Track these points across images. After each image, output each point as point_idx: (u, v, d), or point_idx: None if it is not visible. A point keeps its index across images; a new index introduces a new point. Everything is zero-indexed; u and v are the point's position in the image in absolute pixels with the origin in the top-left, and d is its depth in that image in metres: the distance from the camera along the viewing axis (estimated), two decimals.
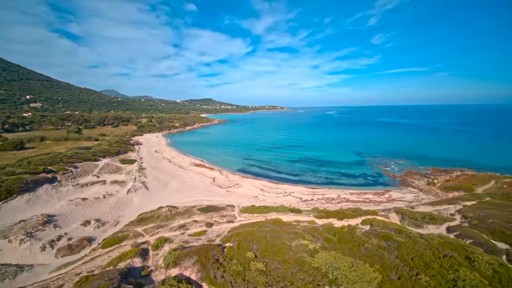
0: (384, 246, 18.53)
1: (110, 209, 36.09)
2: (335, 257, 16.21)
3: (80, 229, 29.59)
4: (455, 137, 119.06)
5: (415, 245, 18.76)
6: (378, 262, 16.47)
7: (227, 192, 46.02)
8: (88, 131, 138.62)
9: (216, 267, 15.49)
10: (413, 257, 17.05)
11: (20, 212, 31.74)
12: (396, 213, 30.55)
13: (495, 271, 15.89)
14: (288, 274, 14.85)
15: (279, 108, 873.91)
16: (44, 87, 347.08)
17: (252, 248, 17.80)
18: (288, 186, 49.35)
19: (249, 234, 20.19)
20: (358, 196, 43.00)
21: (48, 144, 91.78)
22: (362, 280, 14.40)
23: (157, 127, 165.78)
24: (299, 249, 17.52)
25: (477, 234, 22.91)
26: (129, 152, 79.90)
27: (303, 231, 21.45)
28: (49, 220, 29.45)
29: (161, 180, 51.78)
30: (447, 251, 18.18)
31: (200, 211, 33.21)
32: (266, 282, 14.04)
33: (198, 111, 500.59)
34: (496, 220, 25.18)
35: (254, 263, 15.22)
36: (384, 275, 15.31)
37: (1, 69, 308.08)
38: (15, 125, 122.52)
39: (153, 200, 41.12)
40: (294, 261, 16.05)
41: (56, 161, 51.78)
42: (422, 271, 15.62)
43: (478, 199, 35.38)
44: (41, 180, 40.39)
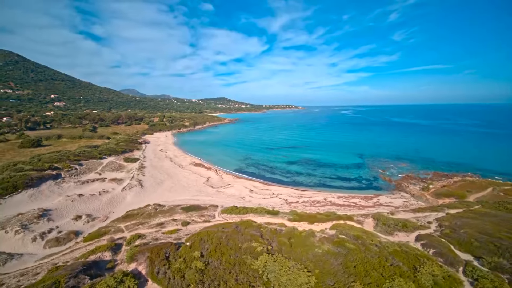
0: (333, 252, 18.91)
1: (103, 206, 38.66)
2: (276, 260, 16.92)
3: (71, 223, 32.17)
4: (469, 140, 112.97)
5: (364, 252, 18.98)
6: (319, 267, 16.98)
7: (216, 192, 47.46)
8: (103, 129, 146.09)
9: (162, 264, 16.76)
10: (357, 265, 17.36)
11: (22, 206, 34.96)
12: (372, 218, 30.39)
13: (435, 282, 15.92)
14: (225, 274, 15.80)
15: (293, 107, 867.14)
16: (67, 86, 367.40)
17: (203, 247, 18.92)
18: (278, 188, 49.91)
19: (208, 235, 21.31)
20: (345, 200, 42.77)
21: (63, 142, 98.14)
22: (292, 284, 15.05)
23: (168, 126, 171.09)
24: (247, 251, 18.38)
25: (442, 244, 22.55)
26: (135, 151, 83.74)
27: (262, 234, 22.23)
28: (44, 214, 32.30)
29: (157, 178, 54.20)
30: (396, 260, 18.27)
31: (182, 210, 34.80)
32: (200, 280, 15.10)
33: (212, 110, 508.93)
34: (469, 231, 24.56)
35: (196, 262, 16.32)
36: (320, 281, 15.84)
37: (29, 70, 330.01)
38: (37, 124, 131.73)
39: (145, 198, 43.38)
40: (235, 262, 16.97)
41: (63, 159, 55.76)
42: (360, 279, 15.96)
43: (466, 207, 34.19)
44: (45, 177, 43.93)
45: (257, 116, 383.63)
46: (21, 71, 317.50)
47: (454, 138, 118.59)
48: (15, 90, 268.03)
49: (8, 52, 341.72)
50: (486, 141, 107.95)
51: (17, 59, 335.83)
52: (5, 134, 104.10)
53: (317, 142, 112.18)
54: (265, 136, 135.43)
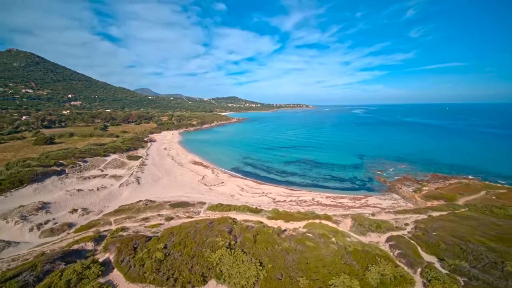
0: (292, 248, 19.74)
1: (99, 200, 41.11)
2: (232, 254, 17.99)
3: (67, 215, 34.64)
4: (480, 141, 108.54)
5: (322, 250, 19.68)
6: (273, 262, 17.89)
7: (209, 190, 49.00)
8: (114, 128, 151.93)
9: (128, 254, 18.27)
10: (310, 261, 18.13)
11: (26, 199, 37.92)
12: (351, 219, 30.73)
13: (382, 281, 16.47)
14: (182, 264, 17.06)
15: (304, 106, 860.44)
16: (84, 86, 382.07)
17: (169, 240, 20.29)
18: (270, 187, 50.78)
19: (180, 229, 22.69)
20: (332, 200, 43.04)
21: (75, 139, 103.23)
22: (241, 276, 16.08)
23: (176, 125, 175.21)
24: (209, 245, 19.56)
25: (409, 246, 22.78)
26: (140, 149, 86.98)
27: (232, 230, 23.33)
28: (43, 207, 34.97)
29: (155, 176, 56.49)
30: (351, 259, 18.87)
31: (170, 206, 36.50)
32: (157, 269, 16.43)
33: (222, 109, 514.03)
34: (441, 233, 24.59)
35: (157, 253, 17.69)
36: (270, 275, 16.77)
37: (49, 71, 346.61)
38: (52, 122, 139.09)
39: (140, 194, 45.57)
40: (194, 254, 18.20)
41: (68, 156, 59.25)
42: (307, 274, 16.75)
43: (451, 210, 33.76)
44: (50, 172, 47.12)
45: (266, 116, 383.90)
46: (41, 71, 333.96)
47: (464, 139, 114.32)
48: (35, 89, 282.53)
49: (30, 53, 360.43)
50: (498, 143, 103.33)
51: (37, 60, 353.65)
52: (23, 132, 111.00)
53: (320, 142, 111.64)
54: (269, 136, 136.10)
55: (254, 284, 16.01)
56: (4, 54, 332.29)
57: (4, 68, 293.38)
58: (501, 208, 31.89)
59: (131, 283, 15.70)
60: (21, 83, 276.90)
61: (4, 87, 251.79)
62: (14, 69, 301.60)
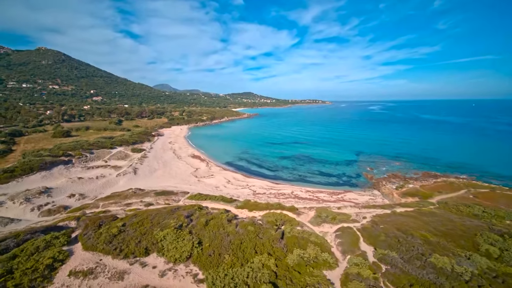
0: (234, 232, 22.08)
1: (96, 187, 45.68)
2: (176, 233, 20.69)
3: (65, 199, 39.28)
4: (495, 140, 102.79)
5: (259, 234, 21.86)
6: (210, 242, 20.38)
7: (197, 182, 52.24)
8: (128, 122, 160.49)
9: (92, 229, 21.58)
10: (244, 242, 20.43)
11: (33, 184, 43.18)
12: (315, 211, 32.43)
13: (298, 262, 18.41)
14: (131, 239, 20.03)
15: (320, 102, 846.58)
16: (105, 82, 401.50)
17: (131, 220, 23.40)
18: (255, 180, 53.04)
19: (144, 212, 25.82)
20: (311, 194, 44.51)
21: (89, 133, 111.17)
22: (176, 250, 18.74)
23: (186, 120, 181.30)
24: (161, 225, 22.42)
25: (352, 236, 24.30)
26: (145, 142, 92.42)
27: (191, 215, 26.06)
28: (45, 191, 39.86)
29: (152, 167, 60.73)
30: (282, 244, 20.93)
31: (154, 194, 40.01)
32: (109, 241, 19.52)
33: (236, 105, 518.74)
34: (387, 226, 25.81)
35: (113, 229, 20.82)
36: (204, 251, 19.30)
37: (73, 68, 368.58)
38: (72, 116, 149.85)
39: (135, 183, 49.72)
40: (145, 232, 21.13)
41: (78, 147, 65.10)
42: (235, 253, 19.08)
43: (419, 206, 34.23)
44: (57, 162, 52.62)
45: (278, 111, 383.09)
46: (67, 68, 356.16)
47: (477, 138, 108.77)
48: (61, 86, 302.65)
49: (57, 51, 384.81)
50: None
51: (63, 58, 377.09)
52: (45, 126, 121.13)
53: (322, 138, 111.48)
54: (273, 132, 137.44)
55: (187, 258, 18.62)
56: (34, 53, 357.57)
57: (34, 66, 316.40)
58: (469, 207, 31.96)
59: (85, 251, 18.93)
60: (48, 80, 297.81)
61: (33, 84, 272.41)
62: (43, 67, 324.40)
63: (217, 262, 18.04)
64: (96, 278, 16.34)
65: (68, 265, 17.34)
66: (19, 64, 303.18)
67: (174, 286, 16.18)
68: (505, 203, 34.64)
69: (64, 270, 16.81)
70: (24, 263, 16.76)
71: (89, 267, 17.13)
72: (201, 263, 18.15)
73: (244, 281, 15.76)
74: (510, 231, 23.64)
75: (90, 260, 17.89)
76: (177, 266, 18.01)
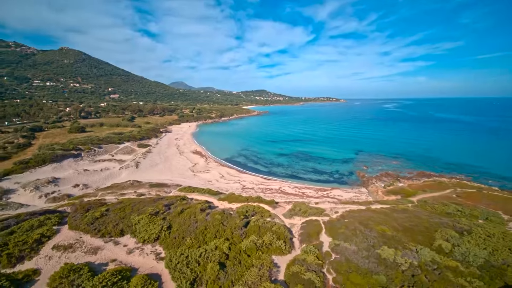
0: (202, 219, 24.36)
1: (100, 179, 49.77)
2: (149, 218, 23.30)
3: (70, 189, 43.44)
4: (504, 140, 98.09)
5: (224, 222, 24.01)
6: (178, 227, 22.82)
7: (193, 176, 55.19)
8: (140, 119, 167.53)
9: (80, 213, 24.70)
10: (208, 228, 22.68)
11: (45, 174, 47.91)
12: (292, 205, 34.16)
13: (250, 247, 20.35)
14: (110, 221, 22.85)
15: (334, 100, 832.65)
16: (122, 80, 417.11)
17: (115, 207, 26.34)
18: (248, 176, 55.17)
19: (129, 200, 28.73)
20: (297, 190, 46.00)
21: (103, 129, 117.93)
22: (145, 232, 21.34)
23: (195, 117, 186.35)
24: (140, 212, 25.15)
25: (316, 228, 25.89)
26: (152, 138, 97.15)
27: (171, 204, 28.68)
28: (53, 181, 44.26)
29: (154, 162, 64.49)
30: (243, 231, 22.93)
31: (149, 186, 43.26)
32: (91, 223, 22.45)
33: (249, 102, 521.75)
34: (352, 220, 27.10)
35: (96, 213, 23.79)
36: (171, 234, 21.77)
37: (93, 67, 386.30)
38: (89, 113, 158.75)
39: (134, 176, 53.45)
40: (124, 216, 23.92)
41: (88, 142, 70.21)
42: (197, 237, 21.37)
43: (397, 204, 34.93)
44: (68, 155, 57.51)
45: (289, 109, 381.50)
46: (87, 67, 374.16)
47: (487, 138, 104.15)
48: (81, 84, 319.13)
49: (78, 51, 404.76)
50: None
51: (84, 57, 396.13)
52: (64, 122, 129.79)
53: (326, 137, 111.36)
54: (278, 129, 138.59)
55: (155, 240, 21.18)
56: (57, 52, 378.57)
57: (57, 65, 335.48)
58: (445, 206, 32.33)
59: (69, 230, 21.99)
60: (70, 78, 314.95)
61: (56, 82, 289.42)
62: (65, 66, 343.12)
63: (179, 244, 20.45)
64: (74, 251, 19.26)
65: (53, 240, 20.43)
66: (43, 64, 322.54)
67: (138, 261, 18.76)
68: (486, 203, 34.45)
69: (50, 244, 19.88)
70: (18, 237, 19.99)
71: (69, 242, 20.12)
72: (165, 244, 20.64)
73: (196, 260, 18.02)
74: (471, 229, 24.20)
75: (72, 237, 20.90)
76: (144, 246, 20.62)
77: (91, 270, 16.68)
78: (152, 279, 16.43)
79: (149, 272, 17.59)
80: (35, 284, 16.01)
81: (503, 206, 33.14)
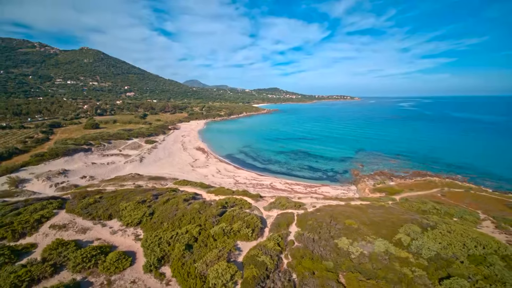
0: (182, 207, 26.95)
1: (105, 172, 53.96)
2: (135, 205, 26.19)
3: (78, 180, 47.74)
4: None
5: (201, 210, 26.44)
6: (159, 213, 25.53)
7: (191, 170, 58.25)
8: (152, 116, 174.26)
9: (78, 199, 28.07)
10: (185, 215, 25.21)
11: (57, 166, 52.68)
12: (274, 199, 36.11)
13: (218, 232, 22.63)
14: (101, 207, 25.94)
15: (348, 98, 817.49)
16: (138, 79, 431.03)
17: (108, 195, 29.52)
18: (243, 172, 57.45)
19: (122, 190, 31.90)
20: (287, 186, 47.71)
21: (115, 125, 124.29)
22: (130, 217, 24.20)
23: (204, 115, 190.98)
24: (129, 200, 28.14)
25: (288, 219, 27.76)
26: (160, 135, 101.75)
27: (158, 194, 31.55)
28: (63, 172, 48.76)
29: (157, 157, 68.33)
30: (216, 219, 25.25)
31: (147, 179, 46.62)
32: (85, 207, 25.65)
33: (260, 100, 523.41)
34: (323, 214, 28.73)
35: (91, 200, 27.00)
36: (152, 220, 24.51)
37: (110, 66, 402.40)
38: (104, 110, 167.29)
39: (138, 169, 57.29)
40: (114, 203, 26.96)
41: (98, 138, 75.31)
42: (173, 222, 23.94)
43: (378, 201, 35.92)
44: (79, 149, 62.41)
45: (300, 107, 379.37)
46: (105, 66, 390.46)
47: (499, 139, 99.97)
48: (99, 82, 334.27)
49: (97, 51, 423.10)
50: None
51: (102, 56, 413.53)
52: (81, 118, 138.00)
53: (329, 135, 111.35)
54: (283, 128, 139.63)
55: (137, 224, 24.00)
56: (78, 52, 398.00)
57: (77, 64, 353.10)
58: (424, 203, 33.01)
59: (66, 213, 25.30)
60: (89, 77, 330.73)
61: (76, 80, 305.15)
62: (85, 65, 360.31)
63: (157, 228, 23.13)
64: (67, 230, 22.44)
65: (51, 221, 23.75)
66: (65, 63, 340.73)
67: (118, 241, 21.62)
68: (468, 202, 34.59)
69: (47, 224, 23.20)
70: (22, 217, 23.47)
71: (64, 223, 23.35)
72: (146, 227, 23.40)
73: (167, 241, 20.57)
74: (436, 225, 25.13)
75: (67, 219, 24.14)
76: (127, 228, 23.48)
77: (77, 245, 19.69)
78: (127, 255, 19.13)
79: (127, 250, 20.35)
80: (32, 255, 19.19)
81: (485, 206, 33.27)
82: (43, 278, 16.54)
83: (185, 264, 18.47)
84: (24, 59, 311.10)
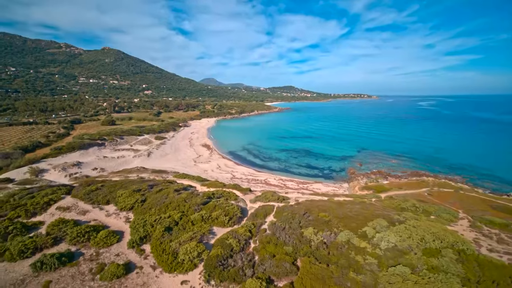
0: (172, 196, 30.00)
1: (115, 165, 58.73)
2: (129, 193, 29.59)
3: (89, 171, 52.65)
4: None
5: (188, 200, 29.34)
6: (151, 200, 28.74)
7: (194, 165, 61.74)
8: (165, 114, 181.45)
9: (83, 187, 32.00)
10: (171, 203, 28.19)
11: (72, 159, 58.13)
12: (260, 193, 38.39)
13: (197, 219, 25.36)
14: (102, 194, 29.58)
15: (365, 97, 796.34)
16: (155, 77, 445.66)
17: (109, 184, 33.24)
18: (242, 168, 60.03)
19: (124, 180, 35.60)
20: (280, 182, 49.68)
21: (131, 122, 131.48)
22: (124, 203, 27.58)
23: (215, 113, 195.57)
24: (126, 188, 31.65)
25: (267, 211, 29.96)
26: (170, 132, 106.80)
27: (153, 185, 34.89)
28: (77, 164, 53.90)
29: (164, 152, 72.65)
30: (199, 207, 28.01)
31: (151, 172, 50.58)
32: (87, 194, 29.39)
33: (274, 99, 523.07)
34: (300, 207, 30.62)
35: (93, 187, 30.77)
36: (142, 206, 27.76)
37: (130, 65, 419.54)
38: (122, 108, 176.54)
39: (144, 163, 61.65)
40: (112, 191, 30.54)
41: (112, 133, 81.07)
42: (160, 208, 27.00)
43: (361, 198, 37.13)
44: (93, 144, 68.00)
45: (313, 106, 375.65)
46: (125, 65, 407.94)
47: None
48: (119, 81, 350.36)
49: (117, 50, 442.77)
50: None
51: (122, 56, 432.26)
52: (99, 115, 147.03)
53: (335, 135, 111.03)
54: (291, 126, 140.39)
55: (130, 209, 27.33)
56: (100, 52, 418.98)
57: (99, 63, 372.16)
58: (405, 201, 33.82)
59: (71, 198, 29.21)
60: (109, 76, 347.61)
61: (98, 79, 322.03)
62: (106, 64, 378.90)
63: (145, 212, 26.29)
64: (70, 212, 26.20)
65: (58, 204, 27.67)
66: (88, 62, 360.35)
67: (111, 222, 25.00)
68: (453, 202, 34.81)
69: (55, 206, 27.11)
70: (35, 200, 27.56)
71: (68, 206, 27.17)
72: (136, 212, 26.66)
73: (151, 223, 23.62)
74: (405, 221, 26.30)
75: (71, 203, 27.99)
76: (121, 212, 26.87)
77: (75, 223, 23.23)
78: (116, 234, 22.39)
79: (117, 229, 23.64)
80: (39, 230, 22.97)
81: (468, 206, 33.50)
82: (45, 248, 20.10)
83: (162, 243, 21.36)
84: (51, 59, 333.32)
